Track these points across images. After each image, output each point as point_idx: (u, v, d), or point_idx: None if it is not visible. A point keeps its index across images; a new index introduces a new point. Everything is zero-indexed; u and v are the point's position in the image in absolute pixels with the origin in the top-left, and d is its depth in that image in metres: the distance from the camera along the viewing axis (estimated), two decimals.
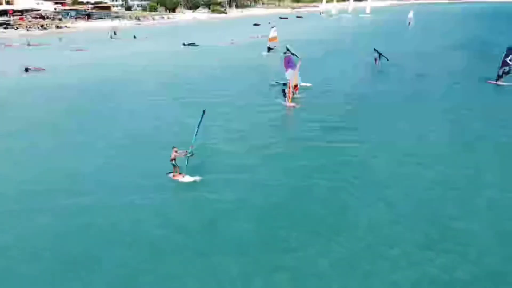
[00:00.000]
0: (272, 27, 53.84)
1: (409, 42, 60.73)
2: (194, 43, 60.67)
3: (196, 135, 16.03)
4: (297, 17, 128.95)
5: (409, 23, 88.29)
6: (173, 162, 16.29)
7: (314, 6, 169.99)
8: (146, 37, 74.42)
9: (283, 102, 27.24)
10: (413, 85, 32.37)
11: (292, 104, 26.75)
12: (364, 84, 32.99)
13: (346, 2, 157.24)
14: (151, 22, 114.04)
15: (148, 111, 26.43)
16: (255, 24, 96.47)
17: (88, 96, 30.80)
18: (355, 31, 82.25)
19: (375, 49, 40.29)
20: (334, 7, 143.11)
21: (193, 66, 42.87)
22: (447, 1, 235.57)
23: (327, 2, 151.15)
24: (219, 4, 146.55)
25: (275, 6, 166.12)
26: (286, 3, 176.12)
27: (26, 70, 41.70)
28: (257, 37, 66.80)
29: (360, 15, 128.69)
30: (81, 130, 22.72)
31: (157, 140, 20.40)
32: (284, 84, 28.85)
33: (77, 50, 58.20)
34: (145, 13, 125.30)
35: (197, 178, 16.21)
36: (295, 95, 27.53)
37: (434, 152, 18.59)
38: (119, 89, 32.82)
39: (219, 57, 48.56)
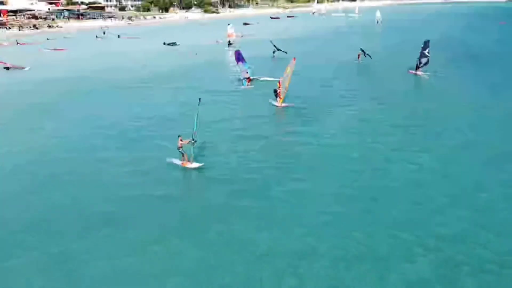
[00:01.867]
0: (228, 24, 60.87)
1: (368, 39, 62.87)
2: (175, 43, 62.66)
3: (196, 122, 17.07)
4: (288, 16, 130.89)
5: (377, 21, 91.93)
6: (181, 150, 17.32)
7: (307, 7, 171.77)
8: (132, 37, 76.23)
9: (274, 103, 26.40)
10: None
11: (284, 104, 25.96)
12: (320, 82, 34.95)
13: (338, 3, 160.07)
14: (142, 22, 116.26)
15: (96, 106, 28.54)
16: (245, 24, 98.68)
17: (56, 91, 33.11)
18: (330, 30, 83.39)
19: (361, 49, 42.35)
20: (325, 7, 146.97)
21: (159, 64, 44.63)
22: (441, 1, 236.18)
23: (318, 2, 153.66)
24: (212, 4, 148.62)
25: (269, 6, 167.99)
26: (280, 3, 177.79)
27: (7, 68, 44.19)
28: (241, 36, 69.39)
29: (350, 15, 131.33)
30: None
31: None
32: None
33: (55, 50, 60.37)
34: (137, 13, 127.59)
35: (203, 164, 17.47)
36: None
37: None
38: (81, 86, 34.83)
39: (197, 55, 50.33)
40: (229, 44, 56.77)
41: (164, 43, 62.32)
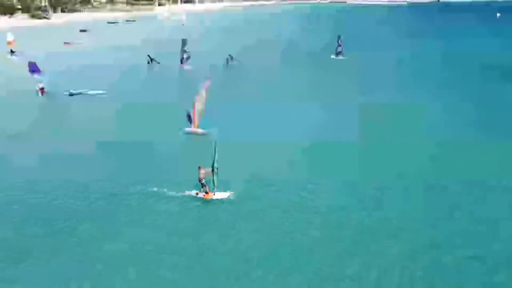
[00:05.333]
0: (8, 32, 59.52)
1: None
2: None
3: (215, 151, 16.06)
4: (128, 21, 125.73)
5: (183, 24, 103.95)
6: (202, 182, 16.41)
7: (149, 10, 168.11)
8: None
9: (187, 129, 24.18)
10: None
11: (200, 130, 23.49)
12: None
13: (180, 5, 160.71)
14: None
15: None
16: (82, 30, 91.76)
17: None
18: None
19: (229, 55, 46.40)
20: (168, 10, 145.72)
21: None
22: (287, 2, 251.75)
23: (159, 5, 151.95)
24: (40, 8, 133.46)
25: (107, 10, 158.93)
26: (119, 6, 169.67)
27: None
28: (74, 44, 67.85)
29: (192, 17, 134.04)
30: None
31: None
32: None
33: None
34: None
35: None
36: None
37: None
38: None
39: None
40: (12, 52, 54.88)
41: None
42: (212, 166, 16.26)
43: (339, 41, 49.37)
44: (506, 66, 44.88)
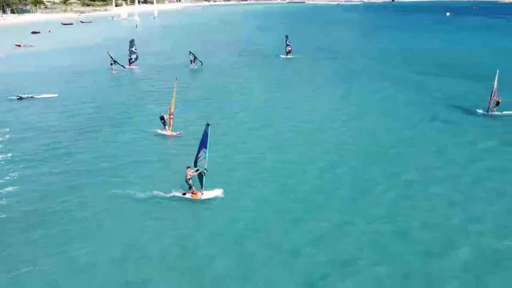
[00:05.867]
0: None
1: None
2: None
3: (207, 151, 16.43)
4: (83, 22, 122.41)
5: (136, 25, 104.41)
6: (190, 182, 16.48)
7: (105, 10, 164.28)
8: None
9: (160, 131, 24.34)
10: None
11: (175, 133, 23.89)
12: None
13: (138, 6, 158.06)
14: None
15: None
16: (34, 32, 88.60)
17: None
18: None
19: (190, 52, 45.00)
20: (124, 11, 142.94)
21: None
22: (254, 2, 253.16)
23: (116, 6, 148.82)
24: None
25: (61, 11, 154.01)
26: (73, 7, 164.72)
27: None
28: (25, 46, 65.28)
29: (151, 18, 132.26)
30: None
31: None
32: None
33: None
34: None
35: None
36: None
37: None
38: None
39: None
40: None
41: None
42: (205, 167, 16.57)
43: (287, 41, 51.16)
44: (444, 59, 48.11)
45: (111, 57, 43.25)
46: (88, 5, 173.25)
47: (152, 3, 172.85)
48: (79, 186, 18.08)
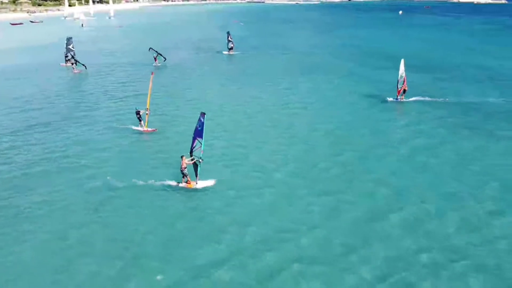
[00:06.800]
0: None
1: None
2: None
3: (203, 140, 16.22)
4: (32, 22, 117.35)
5: (82, 24, 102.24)
6: (185, 171, 16.23)
7: (58, 10, 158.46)
8: None
9: (135, 127, 23.96)
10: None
11: (150, 129, 23.47)
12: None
13: (90, 6, 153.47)
14: None
15: None
16: None
17: None
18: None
19: (151, 48, 45.62)
20: (77, 11, 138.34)
21: None
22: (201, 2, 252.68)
23: (70, 5, 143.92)
24: None
25: (10, 10, 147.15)
26: (23, 6, 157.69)
27: None
28: None
29: (107, 18, 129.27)
30: None
31: None
32: None
33: None
34: None
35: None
36: None
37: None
38: None
39: None
40: None
41: None
42: (200, 156, 16.44)
43: (229, 38, 51.92)
44: (392, 53, 49.57)
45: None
46: (39, 5, 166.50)
47: (107, 3, 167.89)
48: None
